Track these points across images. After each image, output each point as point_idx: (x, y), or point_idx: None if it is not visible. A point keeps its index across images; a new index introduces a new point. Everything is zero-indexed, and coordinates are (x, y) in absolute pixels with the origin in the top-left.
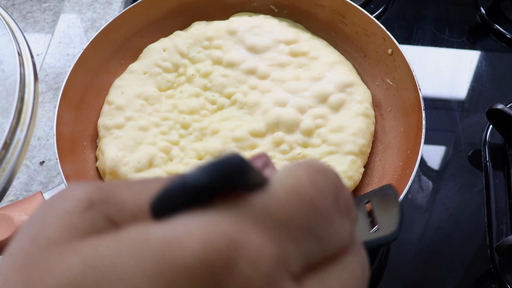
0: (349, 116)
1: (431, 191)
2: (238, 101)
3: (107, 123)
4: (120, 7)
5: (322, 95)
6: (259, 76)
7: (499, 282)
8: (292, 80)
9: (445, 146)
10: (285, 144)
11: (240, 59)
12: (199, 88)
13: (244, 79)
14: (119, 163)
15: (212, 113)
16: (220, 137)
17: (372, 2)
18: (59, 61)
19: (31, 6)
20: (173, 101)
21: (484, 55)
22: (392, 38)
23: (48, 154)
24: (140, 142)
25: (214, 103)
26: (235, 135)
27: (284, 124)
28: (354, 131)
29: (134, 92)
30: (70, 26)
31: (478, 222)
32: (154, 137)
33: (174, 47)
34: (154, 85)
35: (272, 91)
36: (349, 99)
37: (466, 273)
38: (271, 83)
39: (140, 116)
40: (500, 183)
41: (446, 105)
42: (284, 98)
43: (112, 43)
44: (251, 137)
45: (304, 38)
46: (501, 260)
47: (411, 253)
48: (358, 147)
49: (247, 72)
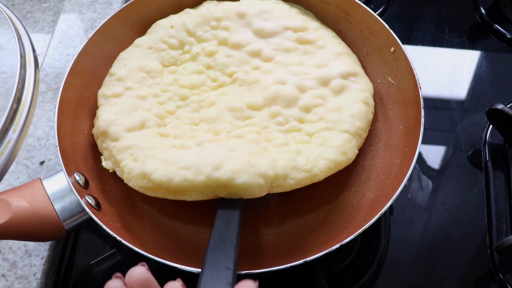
0: (349, 100)
1: (431, 191)
2: (239, 79)
3: (106, 92)
4: (120, 7)
5: (324, 78)
6: (263, 58)
7: (499, 282)
8: (295, 64)
9: (445, 146)
10: (281, 117)
11: (246, 41)
12: (202, 66)
13: (248, 60)
14: (111, 123)
15: (212, 90)
16: (216, 108)
17: (372, 2)
18: (59, 61)
19: (31, 6)
20: (174, 76)
21: (484, 55)
22: (395, 37)
23: (48, 154)
24: (136, 109)
25: (215, 81)
26: (231, 106)
27: (282, 99)
28: (352, 113)
29: (137, 65)
30: (70, 26)
31: (478, 222)
32: (151, 105)
33: (182, 25)
34: (158, 60)
35: (274, 72)
36: (350, 87)
37: (466, 273)
38: (274, 65)
39: (140, 87)
40: (500, 183)
41: (446, 105)
42: (285, 78)
43: (115, 36)
44: (247, 109)
45: (312, 26)
46: (501, 260)
47: (411, 253)
48: (354, 128)
49: (251, 54)
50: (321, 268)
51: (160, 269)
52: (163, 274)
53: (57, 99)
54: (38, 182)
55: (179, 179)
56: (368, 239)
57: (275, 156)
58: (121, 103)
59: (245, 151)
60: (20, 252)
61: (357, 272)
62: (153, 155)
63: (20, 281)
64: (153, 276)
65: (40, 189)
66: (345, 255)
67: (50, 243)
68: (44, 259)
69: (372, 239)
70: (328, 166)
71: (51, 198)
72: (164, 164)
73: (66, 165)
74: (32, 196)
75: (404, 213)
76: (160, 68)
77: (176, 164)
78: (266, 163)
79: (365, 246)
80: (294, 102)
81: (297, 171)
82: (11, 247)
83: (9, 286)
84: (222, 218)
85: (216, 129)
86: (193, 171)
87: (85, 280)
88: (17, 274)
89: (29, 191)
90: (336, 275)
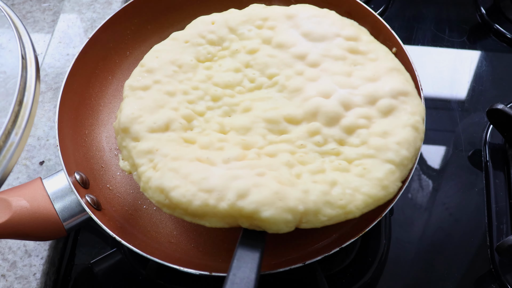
0: (397, 125)
1: (431, 191)
2: (279, 83)
3: (133, 84)
4: (120, 7)
5: (372, 96)
6: (308, 63)
7: (499, 282)
8: (342, 75)
9: (445, 146)
10: (320, 136)
11: (292, 42)
12: (240, 64)
13: (291, 63)
14: (134, 120)
15: (248, 92)
16: (250, 116)
17: (373, 2)
18: (59, 61)
19: (30, 6)
20: (208, 72)
21: (484, 55)
22: (396, 38)
23: (48, 154)
24: (162, 106)
25: (252, 81)
26: (267, 116)
27: (324, 115)
28: (399, 140)
29: (169, 58)
30: (70, 26)
31: (478, 222)
32: (179, 103)
33: (224, 22)
34: (193, 55)
35: (318, 80)
36: (400, 108)
37: (466, 273)
38: (320, 72)
39: (170, 82)
40: (500, 183)
41: (446, 105)
42: (330, 89)
43: (115, 36)
44: (284, 121)
45: (365, 39)
46: (501, 260)
47: (411, 253)
48: (399, 158)
49: (296, 57)
50: (321, 268)
51: (160, 270)
52: (163, 275)
53: (57, 98)
54: (38, 181)
55: (199, 202)
56: (368, 239)
57: (308, 187)
58: (147, 98)
59: (274, 178)
60: (20, 252)
61: (357, 272)
62: (175, 168)
63: (20, 281)
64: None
65: (41, 188)
66: (345, 255)
67: (50, 243)
68: (44, 259)
69: (372, 239)
70: (366, 203)
71: (51, 197)
72: (185, 183)
73: (67, 165)
74: (32, 196)
75: (404, 213)
76: (193, 63)
77: (198, 184)
78: (297, 196)
79: (365, 246)
80: (337, 121)
81: (330, 206)
82: (11, 247)
83: (9, 286)
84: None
85: (247, 143)
86: (216, 196)
87: (85, 280)
88: (17, 274)
89: (29, 190)
90: (336, 275)
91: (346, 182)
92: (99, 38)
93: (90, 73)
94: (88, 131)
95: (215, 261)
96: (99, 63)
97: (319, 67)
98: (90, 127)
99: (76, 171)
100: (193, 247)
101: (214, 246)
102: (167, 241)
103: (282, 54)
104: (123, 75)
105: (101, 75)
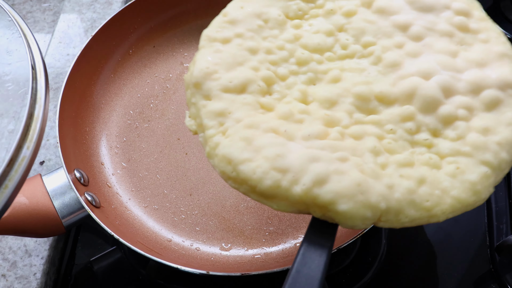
0: (500, 121)
1: None
2: (375, 54)
3: (212, 34)
4: (120, 7)
5: (477, 84)
6: (410, 35)
7: (499, 282)
8: (447, 54)
9: None
10: (413, 122)
11: (395, 8)
12: (333, 26)
13: (391, 33)
14: (208, 76)
15: (338, 59)
16: (337, 87)
17: None
18: (59, 61)
19: (31, 6)
20: (297, 32)
21: None
22: None
23: (48, 154)
24: (241, 63)
25: (345, 48)
26: (357, 91)
27: (421, 99)
28: (500, 140)
29: (255, 10)
30: (70, 26)
31: (478, 222)
32: (260, 63)
33: None
34: (281, 10)
35: (420, 57)
36: (506, 102)
37: (466, 273)
38: (422, 47)
39: (252, 37)
40: (500, 183)
41: None
42: (432, 69)
43: (118, 34)
44: (374, 100)
45: (477, 15)
46: (501, 260)
47: (411, 253)
48: (498, 161)
49: (397, 26)
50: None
51: (160, 269)
52: (163, 274)
53: (58, 96)
54: (38, 178)
55: (270, 182)
56: (368, 239)
57: (393, 181)
58: (226, 52)
59: (357, 165)
60: (20, 252)
61: (357, 272)
62: (247, 138)
63: (20, 281)
64: (153, 276)
65: (40, 185)
66: (345, 255)
67: (50, 243)
68: (44, 259)
69: (372, 239)
70: (454, 207)
71: (51, 194)
72: (258, 157)
73: (66, 162)
74: (32, 192)
75: None
76: (281, 19)
77: (272, 161)
78: (380, 191)
79: (365, 246)
80: (434, 108)
81: (414, 207)
82: (11, 247)
83: (9, 286)
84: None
85: (331, 119)
86: (290, 178)
87: (85, 280)
88: (17, 274)
89: (29, 187)
90: (336, 275)
91: (436, 181)
92: (102, 36)
93: (92, 71)
94: (89, 128)
95: (215, 261)
96: (101, 61)
97: (421, 42)
98: (91, 124)
99: (75, 169)
100: (192, 246)
101: (214, 245)
102: (167, 240)
103: (382, 21)
104: (126, 74)
105: (103, 73)
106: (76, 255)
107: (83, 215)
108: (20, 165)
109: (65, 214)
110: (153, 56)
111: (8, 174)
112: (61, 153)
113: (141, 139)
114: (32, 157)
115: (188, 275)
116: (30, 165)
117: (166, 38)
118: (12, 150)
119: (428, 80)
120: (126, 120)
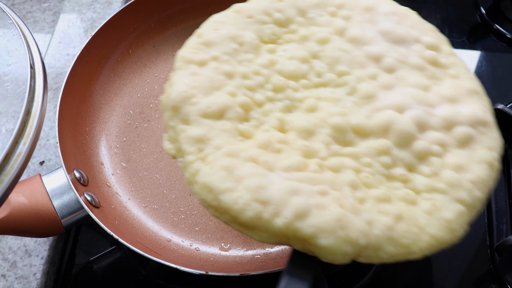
0: (472, 159)
1: None
2: (349, 84)
3: (188, 56)
4: (120, 7)
5: (450, 120)
6: (383, 67)
7: (499, 282)
8: (419, 88)
9: None
10: (389, 157)
11: (368, 38)
12: (307, 53)
13: (364, 63)
14: (186, 100)
15: (314, 87)
16: (314, 117)
17: None
18: (59, 61)
19: (31, 6)
20: (272, 57)
21: (484, 55)
22: None
23: (48, 154)
24: (218, 88)
25: (320, 76)
26: (334, 122)
27: (396, 133)
28: (474, 178)
29: (230, 33)
30: (70, 26)
31: (478, 222)
32: (237, 88)
33: (294, 1)
34: (256, 33)
35: (394, 89)
36: (477, 140)
37: (466, 273)
38: (395, 80)
39: (228, 61)
40: (500, 183)
41: None
42: (405, 103)
43: (118, 34)
44: (351, 131)
45: (446, 50)
46: (501, 260)
47: None
48: (472, 199)
49: (370, 57)
50: (321, 268)
51: (160, 269)
52: (163, 274)
53: (58, 96)
54: (37, 178)
55: (252, 214)
56: None
57: (372, 217)
58: (202, 75)
59: (337, 200)
60: (20, 252)
61: (357, 272)
62: (228, 167)
63: (20, 281)
64: (153, 276)
65: (40, 185)
66: None
67: (50, 243)
68: (44, 259)
69: None
70: (431, 245)
71: (50, 194)
72: (239, 187)
73: (66, 162)
74: (31, 192)
75: None
76: (256, 43)
77: (253, 193)
78: (360, 227)
79: None
80: (409, 143)
81: (393, 244)
82: (11, 247)
83: (9, 286)
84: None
85: (309, 151)
86: (272, 210)
87: (85, 280)
88: (17, 274)
89: (28, 187)
90: (336, 275)
91: (413, 217)
92: (102, 35)
93: (92, 71)
94: (88, 128)
95: (214, 261)
96: (101, 61)
97: (394, 74)
98: (90, 124)
99: (75, 168)
100: (191, 246)
101: (214, 245)
102: (166, 241)
103: (356, 50)
104: (125, 73)
105: (103, 73)
106: (76, 255)
107: (83, 215)
108: (16, 160)
109: (64, 214)
110: (153, 56)
111: (4, 169)
112: (60, 153)
113: (140, 139)
114: (29, 154)
115: (187, 275)
116: (26, 161)
117: (166, 37)
118: (8, 145)
119: (402, 114)
120: (126, 120)
